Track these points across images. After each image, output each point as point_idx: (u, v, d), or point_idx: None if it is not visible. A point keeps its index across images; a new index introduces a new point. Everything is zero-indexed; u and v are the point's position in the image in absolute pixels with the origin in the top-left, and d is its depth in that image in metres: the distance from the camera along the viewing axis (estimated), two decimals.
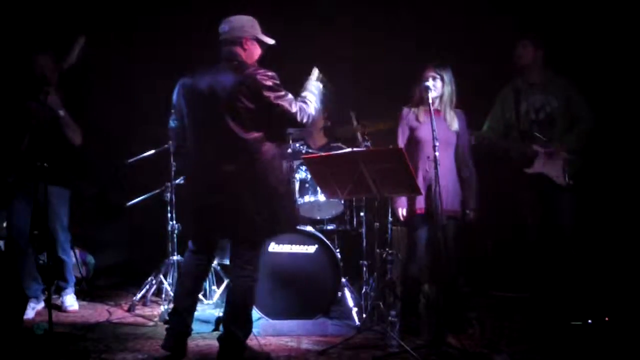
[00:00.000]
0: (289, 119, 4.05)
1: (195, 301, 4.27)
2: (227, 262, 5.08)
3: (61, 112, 5.25)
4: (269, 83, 3.97)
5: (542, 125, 5.21)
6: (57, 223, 5.44)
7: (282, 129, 4.15)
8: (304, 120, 4.09)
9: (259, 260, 4.23)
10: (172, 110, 4.20)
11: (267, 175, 4.06)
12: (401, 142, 4.93)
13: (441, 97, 4.86)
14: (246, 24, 4.13)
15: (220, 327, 4.29)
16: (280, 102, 3.98)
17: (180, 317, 4.16)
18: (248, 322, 4.16)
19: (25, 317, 5.20)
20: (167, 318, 4.32)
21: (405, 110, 4.98)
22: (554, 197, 5.17)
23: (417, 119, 4.91)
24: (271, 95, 3.96)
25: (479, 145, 5.19)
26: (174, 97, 4.17)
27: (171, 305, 4.42)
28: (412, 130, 4.93)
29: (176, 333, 4.14)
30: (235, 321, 4.10)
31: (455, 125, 4.88)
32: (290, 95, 4.05)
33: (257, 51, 4.18)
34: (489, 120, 5.40)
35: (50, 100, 5.15)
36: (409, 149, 4.84)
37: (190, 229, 4.35)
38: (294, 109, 4.03)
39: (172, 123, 4.23)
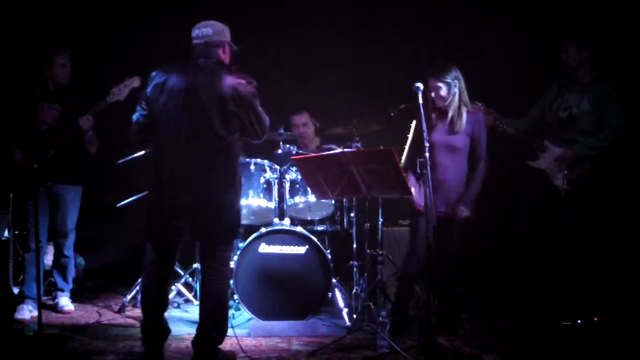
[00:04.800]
0: (262, 126, 4.12)
1: (166, 306, 4.23)
2: None
3: (89, 134, 5.34)
4: (255, 91, 4.05)
5: (562, 123, 5.20)
6: (68, 223, 5.50)
7: (253, 135, 4.14)
8: (266, 133, 4.20)
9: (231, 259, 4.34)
10: (142, 104, 4.12)
11: (237, 176, 4.13)
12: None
13: (450, 102, 4.76)
14: (225, 29, 4.20)
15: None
16: (259, 111, 4.08)
17: (156, 326, 4.13)
18: (225, 323, 4.18)
19: (22, 317, 5.21)
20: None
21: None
22: (558, 198, 5.15)
23: (436, 125, 4.83)
24: (256, 103, 4.06)
25: (494, 128, 5.19)
26: (148, 90, 4.09)
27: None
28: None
29: (155, 340, 4.13)
30: (214, 324, 4.09)
31: (463, 128, 4.74)
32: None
33: (229, 55, 4.24)
34: (530, 110, 5.40)
35: (83, 122, 5.25)
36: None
37: (155, 233, 4.12)
38: (267, 119, 4.14)
39: (140, 118, 4.13)
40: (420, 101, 4.54)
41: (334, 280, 5.23)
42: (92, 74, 5.99)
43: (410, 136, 4.90)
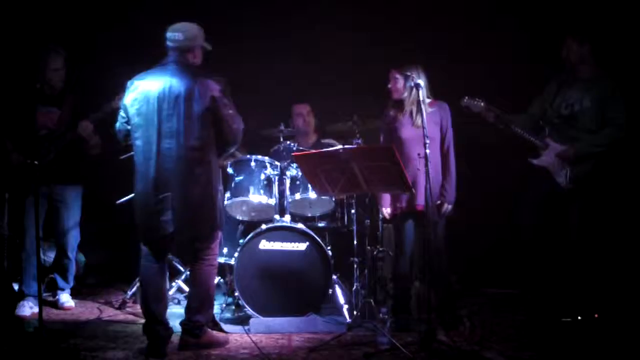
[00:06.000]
0: (235, 123, 4.28)
1: (166, 303, 4.40)
2: None
3: (95, 140, 5.36)
4: (223, 89, 4.22)
5: (563, 120, 5.20)
6: (70, 223, 5.51)
7: (226, 134, 4.29)
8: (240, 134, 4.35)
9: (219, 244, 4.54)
10: (121, 112, 4.35)
11: (215, 171, 4.30)
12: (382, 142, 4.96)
13: (406, 96, 4.84)
14: (198, 33, 4.35)
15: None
16: (230, 106, 4.25)
17: (158, 325, 4.25)
18: (211, 307, 4.44)
19: (22, 314, 5.22)
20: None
21: (387, 110, 4.99)
22: (561, 197, 5.14)
23: (396, 119, 4.91)
24: (225, 100, 4.22)
25: (495, 125, 5.20)
26: (125, 99, 4.31)
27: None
28: (394, 130, 4.91)
29: (159, 340, 4.24)
30: (201, 309, 4.32)
31: (422, 123, 4.67)
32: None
33: (200, 57, 4.40)
34: (530, 106, 5.40)
35: (82, 129, 5.26)
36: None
37: (145, 232, 4.34)
38: (240, 119, 4.31)
39: (121, 126, 4.36)
40: (420, 98, 4.55)
41: (334, 277, 5.23)
42: (91, 75, 5.97)
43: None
